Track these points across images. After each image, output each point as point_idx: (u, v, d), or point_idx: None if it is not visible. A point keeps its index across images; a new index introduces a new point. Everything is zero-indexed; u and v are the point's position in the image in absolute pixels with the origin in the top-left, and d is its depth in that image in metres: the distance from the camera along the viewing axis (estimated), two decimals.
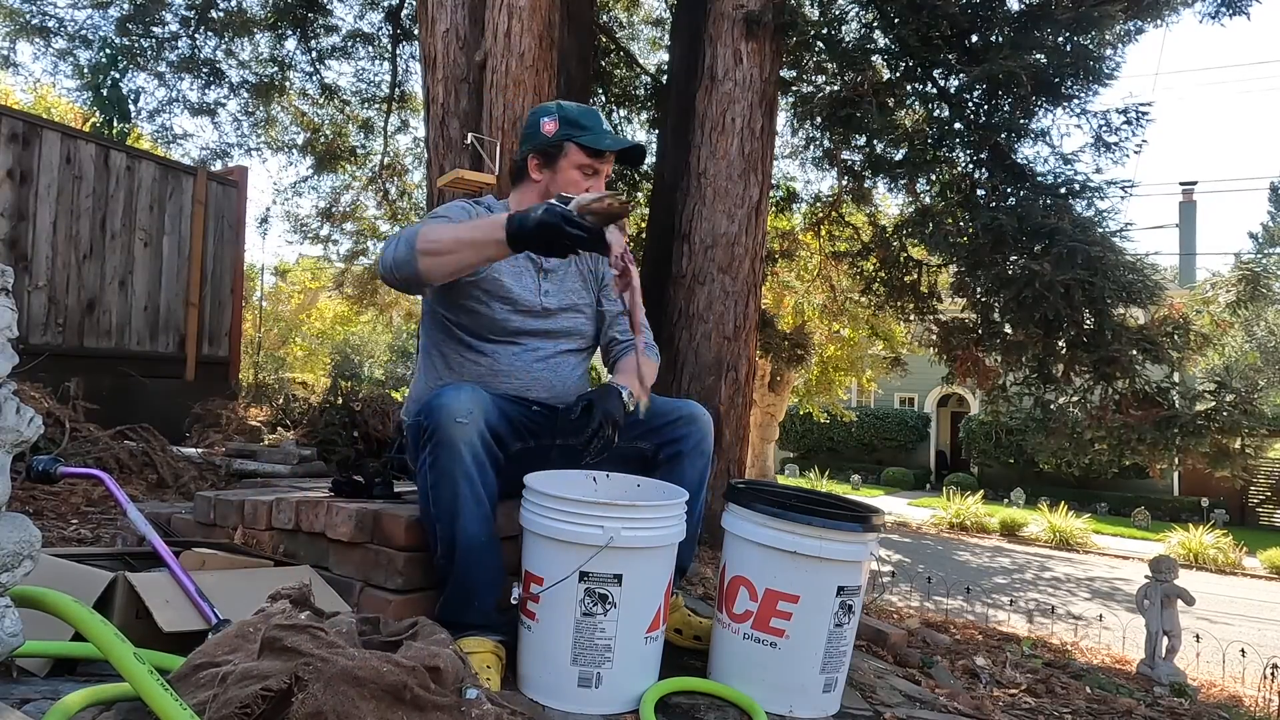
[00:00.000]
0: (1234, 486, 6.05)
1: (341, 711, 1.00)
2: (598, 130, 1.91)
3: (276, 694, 1.00)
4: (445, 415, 1.62)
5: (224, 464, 4.35)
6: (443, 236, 1.69)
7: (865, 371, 12.66)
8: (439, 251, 1.67)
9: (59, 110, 11.43)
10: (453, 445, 1.62)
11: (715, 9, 4.44)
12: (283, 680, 1.01)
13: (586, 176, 1.91)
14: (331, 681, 1.02)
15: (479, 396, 1.68)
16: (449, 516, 1.63)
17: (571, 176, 1.90)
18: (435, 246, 1.67)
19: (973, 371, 4.88)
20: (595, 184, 1.91)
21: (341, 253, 10.90)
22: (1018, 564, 10.18)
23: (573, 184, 1.89)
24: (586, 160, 1.90)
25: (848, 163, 6.16)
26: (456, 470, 1.62)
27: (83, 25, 7.77)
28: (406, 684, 1.07)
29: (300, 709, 0.99)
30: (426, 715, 1.07)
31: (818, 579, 1.60)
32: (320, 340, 18.34)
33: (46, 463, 1.81)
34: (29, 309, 4.98)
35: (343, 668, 1.04)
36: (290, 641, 1.09)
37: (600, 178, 1.93)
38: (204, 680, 1.08)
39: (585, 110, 1.94)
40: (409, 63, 8.32)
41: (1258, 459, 4.64)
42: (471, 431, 1.63)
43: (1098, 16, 4.01)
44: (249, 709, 0.99)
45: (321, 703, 1.00)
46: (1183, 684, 3.32)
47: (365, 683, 1.04)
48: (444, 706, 1.10)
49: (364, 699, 1.03)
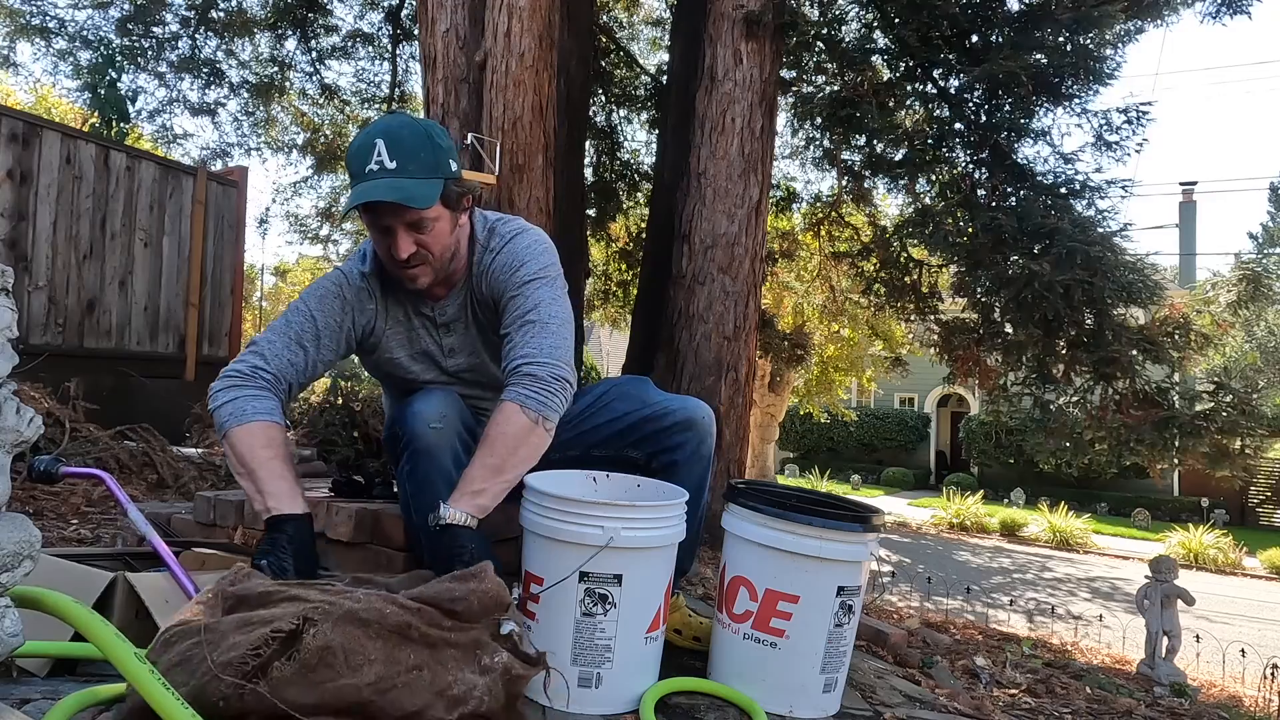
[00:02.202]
0: (1234, 486, 6.06)
1: (349, 649, 1.03)
2: (356, 176, 1.54)
3: (286, 634, 1.02)
4: (419, 422, 1.57)
5: (224, 464, 4.34)
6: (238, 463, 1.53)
7: (865, 371, 12.67)
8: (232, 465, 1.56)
9: (59, 110, 11.44)
10: (430, 451, 1.57)
11: (715, 9, 4.44)
12: (291, 622, 1.03)
13: (381, 234, 1.58)
14: (339, 622, 1.04)
15: (451, 400, 1.63)
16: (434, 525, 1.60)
17: (373, 237, 1.62)
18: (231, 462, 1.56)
19: (973, 371, 4.89)
20: (394, 244, 1.55)
21: (341, 253, 10.91)
22: (1018, 564, 10.18)
23: (374, 240, 1.62)
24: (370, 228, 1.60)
25: (848, 163, 6.17)
26: (436, 475, 1.57)
27: (83, 25, 7.78)
28: (411, 624, 1.08)
29: (311, 643, 1.01)
30: (437, 652, 1.09)
31: (818, 579, 1.60)
32: None
33: (48, 462, 1.80)
34: (29, 309, 4.98)
35: (348, 609, 1.06)
36: (295, 592, 1.12)
37: (396, 236, 1.55)
38: (179, 635, 1.10)
39: (358, 150, 1.54)
40: (409, 63, 8.33)
41: (1257, 459, 4.65)
42: (449, 434, 1.58)
43: (1098, 16, 4.01)
44: (259, 650, 1.00)
45: (331, 638, 1.02)
46: (1183, 684, 3.31)
47: (369, 624, 1.06)
48: (458, 644, 1.11)
49: (370, 639, 1.05)
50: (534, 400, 1.52)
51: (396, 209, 1.51)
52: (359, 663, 1.03)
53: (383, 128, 1.54)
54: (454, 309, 1.72)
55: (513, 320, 1.61)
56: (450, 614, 1.14)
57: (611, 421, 1.77)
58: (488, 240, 1.69)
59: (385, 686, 1.03)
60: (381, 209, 1.52)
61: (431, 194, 1.53)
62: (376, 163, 1.51)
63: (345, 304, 1.68)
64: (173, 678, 1.02)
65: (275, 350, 1.62)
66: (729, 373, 4.27)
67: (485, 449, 1.50)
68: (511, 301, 1.63)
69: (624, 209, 8.00)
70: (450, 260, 1.65)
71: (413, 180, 1.51)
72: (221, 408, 1.56)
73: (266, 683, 0.99)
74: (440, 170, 1.55)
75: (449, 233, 1.61)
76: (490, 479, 1.48)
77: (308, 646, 1.01)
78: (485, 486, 1.48)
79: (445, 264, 1.64)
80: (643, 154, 8.44)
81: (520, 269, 1.64)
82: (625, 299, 8.03)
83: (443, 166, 1.56)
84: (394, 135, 1.52)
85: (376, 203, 1.51)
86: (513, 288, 1.63)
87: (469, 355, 1.76)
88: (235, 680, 0.99)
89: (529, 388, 1.53)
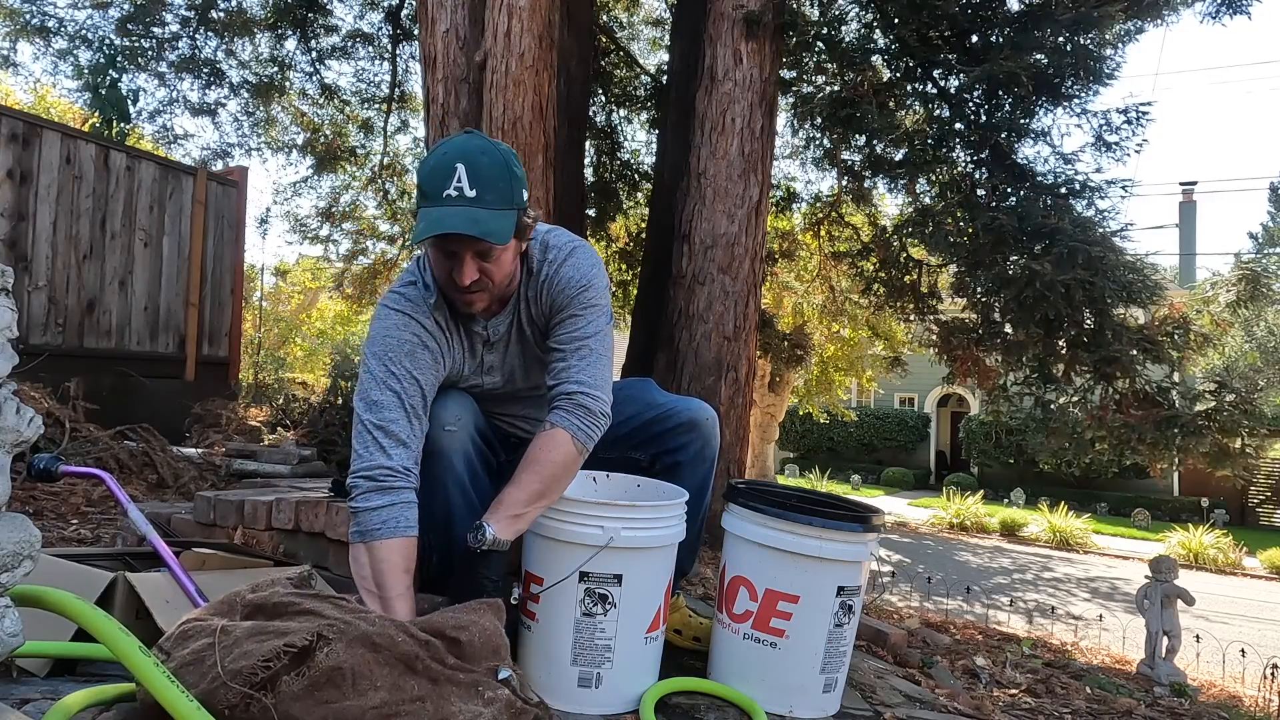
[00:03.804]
0: (1234, 486, 6.06)
1: (358, 672, 1.04)
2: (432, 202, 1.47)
3: (298, 650, 1.03)
4: (433, 424, 1.57)
5: (224, 464, 4.34)
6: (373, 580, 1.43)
7: (865, 371, 12.66)
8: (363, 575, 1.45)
9: (59, 110, 11.43)
10: (443, 454, 1.57)
11: (715, 9, 4.44)
12: (305, 637, 1.04)
13: (445, 257, 1.52)
14: (352, 644, 1.05)
15: (466, 402, 1.63)
16: (443, 525, 1.60)
17: (431, 254, 1.57)
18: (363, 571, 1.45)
19: (973, 371, 4.89)
20: (458, 270, 1.51)
21: (341, 253, 10.90)
22: (1018, 564, 10.18)
23: (435, 263, 1.57)
24: (433, 247, 1.55)
25: (848, 163, 6.16)
26: (448, 479, 1.58)
27: (83, 25, 7.77)
28: (418, 655, 1.09)
29: (324, 661, 1.02)
30: (439, 688, 1.09)
31: (818, 579, 1.60)
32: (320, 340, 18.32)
33: (48, 461, 1.81)
34: (29, 309, 4.98)
35: (363, 631, 1.07)
36: (310, 605, 1.13)
37: (462, 263, 1.50)
38: (195, 631, 1.10)
39: (434, 173, 1.48)
40: (409, 63, 8.32)
41: (1258, 459, 4.65)
42: (463, 438, 1.58)
43: (1098, 16, 4.01)
44: (270, 663, 1.01)
45: (342, 659, 1.03)
46: (1183, 684, 3.31)
47: (381, 649, 1.07)
48: (459, 682, 1.11)
49: (379, 664, 1.06)
50: (584, 433, 1.54)
51: (471, 239, 1.46)
52: (365, 687, 1.04)
53: (460, 150, 1.48)
54: (503, 326, 1.68)
55: (569, 339, 1.60)
56: (453, 643, 1.15)
57: (615, 426, 1.76)
58: (543, 254, 1.65)
59: (389, 713, 1.03)
60: (453, 236, 1.46)
61: (508, 229, 1.49)
62: (455, 189, 1.45)
63: (433, 354, 1.60)
64: (183, 677, 1.02)
65: (411, 433, 1.53)
66: (729, 373, 4.27)
67: (532, 472, 1.48)
68: (572, 320, 1.61)
69: (624, 209, 8.00)
70: (508, 285, 1.62)
71: (489, 212, 1.46)
72: (376, 512, 1.45)
73: (274, 695, 1.00)
74: (514, 201, 1.51)
75: (511, 261, 1.58)
76: (532, 504, 1.48)
77: (319, 665, 1.02)
78: (526, 511, 1.47)
79: (503, 290, 1.61)
80: (643, 154, 8.44)
81: (588, 289, 1.62)
82: (625, 299, 8.03)
83: (516, 197, 1.51)
84: (474, 161, 1.47)
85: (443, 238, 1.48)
86: (578, 306, 1.61)
87: (504, 374, 1.72)
88: (243, 690, 0.99)
89: (583, 419, 1.54)
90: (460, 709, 1.08)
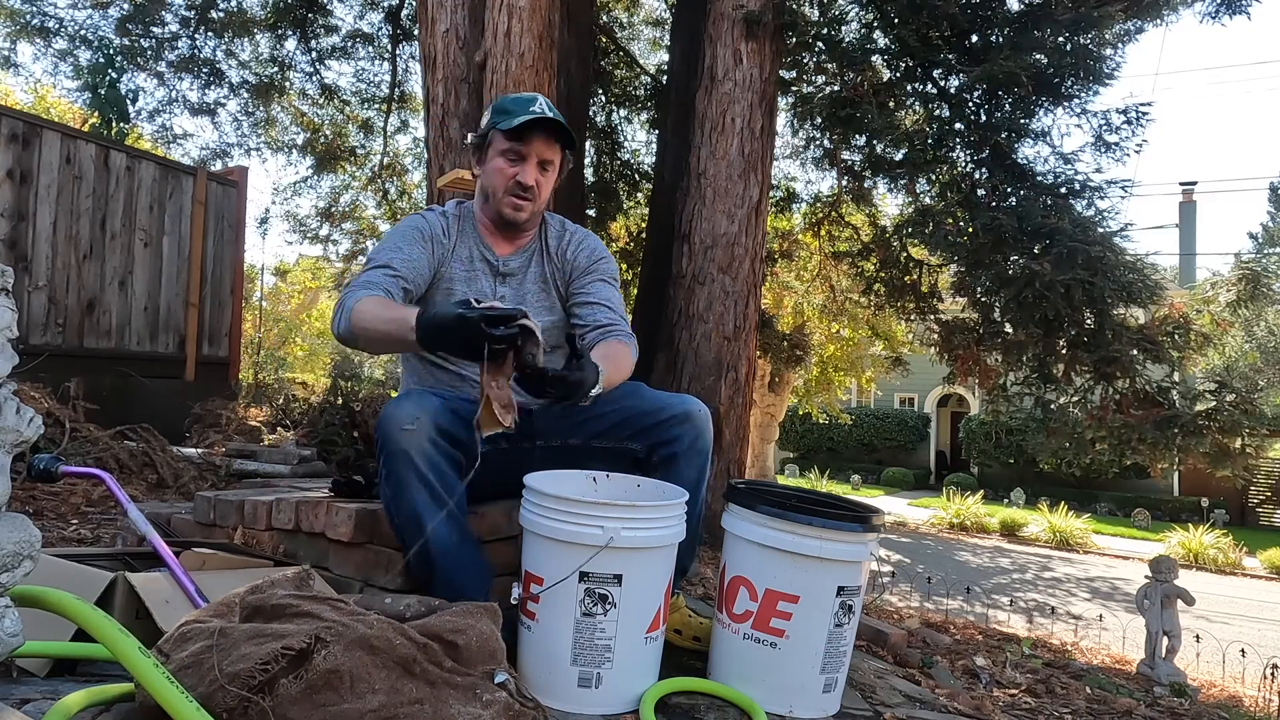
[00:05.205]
0: (1234, 486, 6.05)
1: (356, 675, 1.04)
2: (522, 113, 1.80)
3: (296, 653, 1.03)
4: (391, 425, 1.61)
5: (224, 464, 4.34)
6: (372, 324, 1.61)
7: (865, 371, 12.66)
8: (370, 336, 1.63)
9: (59, 110, 11.43)
10: (402, 454, 1.59)
11: (715, 9, 4.44)
12: (303, 640, 1.04)
13: (512, 163, 1.82)
14: (350, 646, 1.05)
15: (425, 401, 1.66)
16: (415, 526, 1.60)
17: (496, 164, 1.84)
18: (366, 332, 1.63)
19: (973, 371, 4.89)
20: (523, 170, 1.81)
21: (341, 253, 10.90)
22: (1018, 564, 10.18)
23: (497, 172, 1.84)
24: (507, 144, 1.82)
25: (848, 163, 6.17)
26: (410, 477, 1.60)
27: (83, 25, 7.78)
28: (415, 658, 1.09)
29: (321, 664, 1.02)
30: (437, 691, 1.09)
31: (818, 579, 1.60)
32: (320, 340, 18.32)
33: (48, 461, 1.81)
34: (29, 309, 4.98)
35: (360, 634, 1.07)
36: (309, 608, 1.13)
37: (528, 164, 1.82)
38: (194, 633, 1.10)
39: (519, 98, 1.86)
40: (409, 63, 8.33)
41: (1258, 459, 4.64)
42: (420, 437, 1.60)
43: (1098, 16, 4.01)
44: (268, 666, 1.01)
45: (340, 662, 1.03)
46: (1183, 684, 3.31)
47: (379, 651, 1.07)
48: (457, 685, 1.11)
49: (377, 667, 1.06)
50: (635, 354, 1.86)
51: (547, 143, 1.82)
52: (363, 690, 1.04)
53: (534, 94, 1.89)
54: (518, 262, 1.93)
55: (601, 298, 1.91)
56: (450, 647, 1.14)
57: (612, 412, 1.81)
58: (562, 226, 1.99)
59: (387, 716, 1.03)
60: (533, 138, 1.79)
61: (574, 144, 1.88)
62: (540, 107, 1.81)
63: (425, 239, 1.87)
64: (182, 679, 1.02)
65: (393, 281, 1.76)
66: (729, 373, 4.27)
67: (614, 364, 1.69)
68: (600, 284, 1.93)
69: (624, 209, 8.00)
70: (538, 214, 1.92)
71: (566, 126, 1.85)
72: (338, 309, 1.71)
73: (272, 698, 1.00)
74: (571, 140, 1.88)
75: (551, 187, 1.90)
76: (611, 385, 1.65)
77: (316, 668, 1.02)
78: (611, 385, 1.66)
79: (538, 213, 1.91)
80: (643, 154, 8.44)
81: (606, 260, 1.97)
82: (625, 299, 8.03)
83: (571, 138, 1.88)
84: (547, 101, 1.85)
85: (532, 128, 1.78)
86: (600, 273, 1.94)
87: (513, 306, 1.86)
88: (241, 693, 0.99)
89: (632, 344, 1.85)
90: (459, 711, 1.08)
